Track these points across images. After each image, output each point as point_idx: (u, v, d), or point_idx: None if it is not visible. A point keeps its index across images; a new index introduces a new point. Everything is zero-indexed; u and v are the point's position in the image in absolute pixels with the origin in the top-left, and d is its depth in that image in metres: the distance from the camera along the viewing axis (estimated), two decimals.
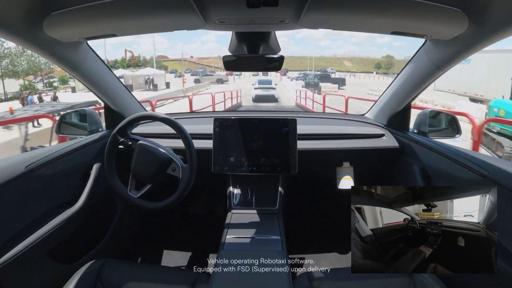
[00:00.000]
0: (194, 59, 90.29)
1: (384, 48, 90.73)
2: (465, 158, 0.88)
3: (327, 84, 20.94)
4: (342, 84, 23.71)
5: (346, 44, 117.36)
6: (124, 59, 55.81)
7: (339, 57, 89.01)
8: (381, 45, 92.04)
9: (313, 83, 19.82)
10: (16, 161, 0.88)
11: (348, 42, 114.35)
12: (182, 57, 71.99)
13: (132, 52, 58.60)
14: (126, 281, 0.86)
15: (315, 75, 25.46)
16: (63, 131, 1.25)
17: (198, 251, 1.53)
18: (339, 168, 1.24)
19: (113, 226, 1.28)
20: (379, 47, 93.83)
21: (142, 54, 74.67)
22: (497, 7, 0.62)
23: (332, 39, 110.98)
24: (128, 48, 55.58)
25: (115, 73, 1.21)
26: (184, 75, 31.85)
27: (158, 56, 71.05)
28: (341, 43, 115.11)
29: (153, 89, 21.30)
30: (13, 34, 0.71)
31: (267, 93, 14.71)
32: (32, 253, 0.84)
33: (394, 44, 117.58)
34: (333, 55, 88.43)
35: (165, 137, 1.23)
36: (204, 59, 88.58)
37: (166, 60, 76.19)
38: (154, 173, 0.99)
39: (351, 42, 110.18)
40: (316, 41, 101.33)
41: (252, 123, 1.16)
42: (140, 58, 60.58)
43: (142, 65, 50.33)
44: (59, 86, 26.66)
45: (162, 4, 0.67)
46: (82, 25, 0.74)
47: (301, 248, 1.46)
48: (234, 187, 1.24)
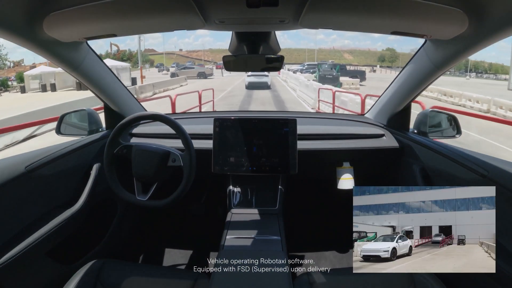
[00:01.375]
0: (183, 52, 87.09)
1: (379, 42, 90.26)
2: (465, 158, 0.88)
3: (344, 78, 16.58)
4: (363, 79, 19.12)
5: (340, 38, 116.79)
6: (109, 53, 52.67)
7: (338, 49, 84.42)
8: (375, 39, 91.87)
9: (330, 77, 15.15)
10: (16, 161, 0.88)
11: (342, 36, 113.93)
12: (165, 51, 68.65)
13: (117, 45, 55.88)
14: (126, 281, 0.86)
15: (332, 66, 18.88)
16: (63, 131, 1.25)
17: (198, 251, 1.53)
18: (339, 168, 1.24)
19: (113, 226, 1.28)
20: (373, 41, 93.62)
21: (132, 47, 72.48)
22: (497, 7, 0.62)
23: (327, 34, 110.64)
24: (115, 42, 53.68)
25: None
26: (147, 69, 27.83)
27: (145, 50, 69.01)
28: (336, 37, 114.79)
29: None
30: (13, 34, 0.71)
31: (260, 80, 14.75)
32: (32, 253, 0.84)
33: (389, 38, 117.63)
34: (331, 47, 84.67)
35: (164, 137, 1.23)
36: (193, 52, 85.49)
37: (153, 54, 73.68)
38: (156, 170, 1.00)
39: (345, 36, 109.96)
40: (311, 35, 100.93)
41: (252, 123, 1.16)
42: (126, 52, 58.45)
43: (127, 59, 47.76)
44: (11, 85, 22.83)
45: (162, 4, 0.67)
46: (82, 25, 0.74)
47: (301, 248, 1.46)
48: (234, 187, 1.24)
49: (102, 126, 1.31)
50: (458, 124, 1.23)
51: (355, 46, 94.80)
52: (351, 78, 17.39)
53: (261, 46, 0.98)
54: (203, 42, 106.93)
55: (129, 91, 1.34)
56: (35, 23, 0.71)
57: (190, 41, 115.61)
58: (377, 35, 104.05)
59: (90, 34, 0.80)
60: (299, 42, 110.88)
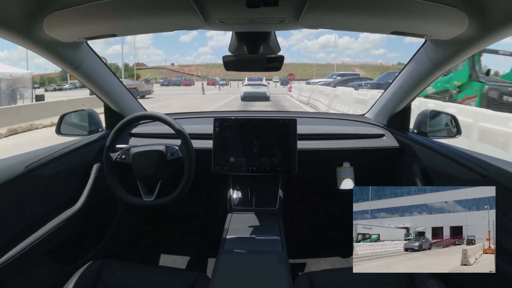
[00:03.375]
0: (175, 67, 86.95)
1: (379, 59, 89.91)
2: (465, 158, 0.88)
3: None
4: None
5: (340, 56, 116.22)
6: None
7: (348, 64, 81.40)
8: (375, 56, 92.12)
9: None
10: (16, 161, 0.88)
11: (342, 54, 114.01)
12: (155, 65, 66.29)
13: (105, 59, 55.32)
14: (125, 282, 0.86)
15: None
16: (63, 131, 1.25)
17: (198, 252, 1.53)
18: (339, 168, 1.24)
19: (113, 226, 1.28)
20: (374, 58, 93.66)
21: (128, 61, 70.88)
22: (497, 7, 0.62)
23: (327, 52, 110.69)
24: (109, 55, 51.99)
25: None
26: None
27: (136, 64, 67.61)
28: (336, 55, 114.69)
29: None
30: (13, 34, 0.71)
31: (257, 91, 13.12)
32: (32, 253, 0.83)
33: (388, 56, 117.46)
34: (341, 62, 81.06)
35: (164, 137, 1.23)
36: (186, 67, 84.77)
37: (143, 68, 72.29)
38: (157, 167, 1.01)
39: (345, 54, 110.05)
40: (312, 53, 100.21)
41: (252, 123, 1.16)
42: (114, 65, 55.43)
43: (113, 72, 50.12)
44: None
45: (162, 4, 0.67)
46: (82, 25, 0.74)
47: (301, 248, 1.46)
48: (234, 188, 1.24)
49: (102, 126, 1.32)
50: (458, 124, 1.23)
51: (366, 61, 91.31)
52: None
53: (261, 46, 0.98)
54: (205, 59, 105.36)
55: (129, 91, 1.34)
56: (35, 23, 0.71)
57: (191, 59, 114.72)
58: (377, 53, 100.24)
59: (90, 34, 0.80)
60: (299, 60, 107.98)
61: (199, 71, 75.88)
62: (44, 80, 35.73)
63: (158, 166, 1.01)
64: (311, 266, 1.44)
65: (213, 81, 35.62)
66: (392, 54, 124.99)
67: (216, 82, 32.59)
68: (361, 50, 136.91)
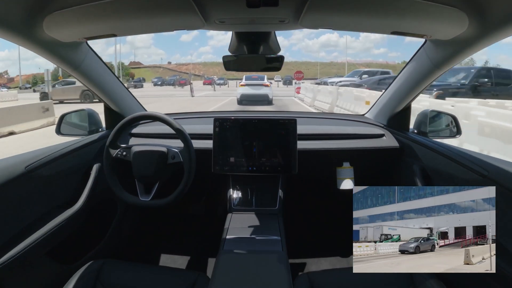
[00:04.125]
0: (171, 65, 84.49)
1: (380, 59, 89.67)
2: (465, 158, 0.88)
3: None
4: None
5: (341, 56, 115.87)
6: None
7: (353, 62, 78.96)
8: (376, 55, 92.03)
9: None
10: (16, 161, 0.88)
11: (343, 53, 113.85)
12: (151, 64, 64.04)
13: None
14: (125, 282, 0.86)
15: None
16: (63, 131, 1.25)
17: (198, 252, 1.53)
18: (339, 168, 1.24)
19: (113, 226, 1.28)
20: (374, 57, 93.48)
21: (122, 59, 68.90)
22: (497, 7, 0.62)
23: (328, 51, 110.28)
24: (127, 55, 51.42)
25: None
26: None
27: (130, 63, 65.56)
28: (337, 54, 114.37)
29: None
30: (13, 34, 0.71)
31: (257, 92, 10.68)
32: (32, 253, 0.83)
33: (389, 55, 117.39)
34: (343, 61, 77.69)
35: (164, 137, 1.23)
36: (183, 66, 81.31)
37: (138, 67, 70.35)
38: (156, 169, 1.01)
39: (346, 53, 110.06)
40: (312, 52, 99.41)
41: (252, 123, 1.16)
42: (109, 64, 56.50)
43: (113, 72, 50.16)
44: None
45: (162, 4, 0.67)
46: (82, 25, 0.74)
47: (301, 248, 1.46)
48: (234, 188, 1.24)
49: (102, 126, 1.32)
50: (458, 124, 1.23)
51: (371, 59, 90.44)
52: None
53: (261, 46, 0.98)
54: (205, 58, 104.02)
55: (129, 91, 1.34)
56: (35, 23, 0.71)
57: (192, 58, 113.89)
58: (378, 52, 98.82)
59: (90, 34, 0.80)
60: (301, 59, 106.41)
61: (197, 69, 74.18)
62: (37, 80, 35.62)
63: (158, 167, 1.01)
64: (311, 266, 1.44)
65: (210, 80, 31.76)
66: (392, 54, 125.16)
67: (213, 82, 29.16)
68: (362, 50, 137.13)
